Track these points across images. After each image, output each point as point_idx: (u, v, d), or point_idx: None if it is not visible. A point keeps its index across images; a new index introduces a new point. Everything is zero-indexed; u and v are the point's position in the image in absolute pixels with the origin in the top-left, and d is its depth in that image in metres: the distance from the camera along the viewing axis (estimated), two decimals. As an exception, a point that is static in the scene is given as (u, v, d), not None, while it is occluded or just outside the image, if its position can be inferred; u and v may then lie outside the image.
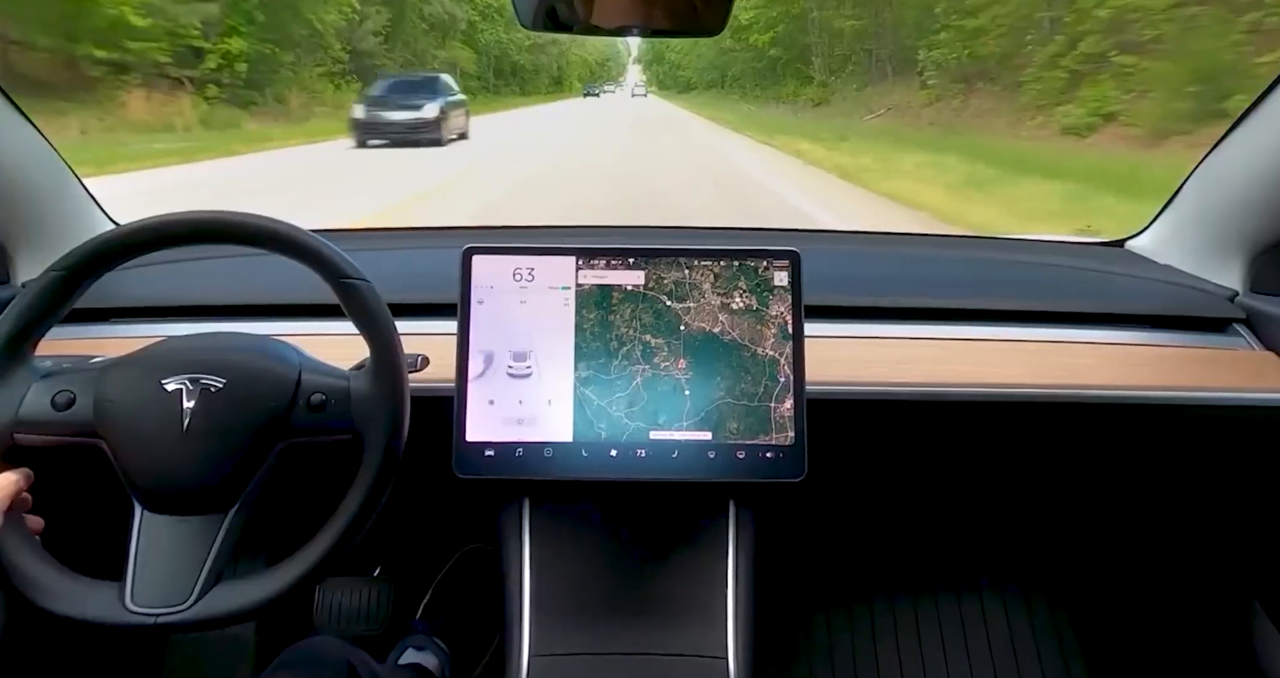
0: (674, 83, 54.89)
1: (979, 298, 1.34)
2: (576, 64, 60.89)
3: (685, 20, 1.00)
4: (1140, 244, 1.55)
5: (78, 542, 1.02)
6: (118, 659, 1.53)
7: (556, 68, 52.61)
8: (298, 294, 1.20)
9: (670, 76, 57.92)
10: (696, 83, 45.43)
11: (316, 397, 0.90)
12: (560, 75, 55.07)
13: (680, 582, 1.15)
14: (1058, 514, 1.76)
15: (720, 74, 39.32)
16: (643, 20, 0.99)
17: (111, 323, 1.25)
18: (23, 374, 0.89)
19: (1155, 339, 1.30)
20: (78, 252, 0.90)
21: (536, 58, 44.98)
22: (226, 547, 0.88)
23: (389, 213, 7.55)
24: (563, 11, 0.98)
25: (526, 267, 1.08)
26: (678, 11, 0.99)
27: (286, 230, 0.92)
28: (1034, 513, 1.78)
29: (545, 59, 47.38)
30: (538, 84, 46.66)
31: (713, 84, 41.44)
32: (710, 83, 42.08)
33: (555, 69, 52.53)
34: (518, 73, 43.32)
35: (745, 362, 1.07)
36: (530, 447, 1.05)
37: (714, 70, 40.34)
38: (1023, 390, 1.20)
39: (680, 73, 51.02)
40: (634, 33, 1.01)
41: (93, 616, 0.84)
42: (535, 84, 46.17)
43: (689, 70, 47.82)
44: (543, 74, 48.31)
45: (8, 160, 1.19)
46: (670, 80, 57.72)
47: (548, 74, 49.91)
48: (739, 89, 34.24)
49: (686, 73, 48.70)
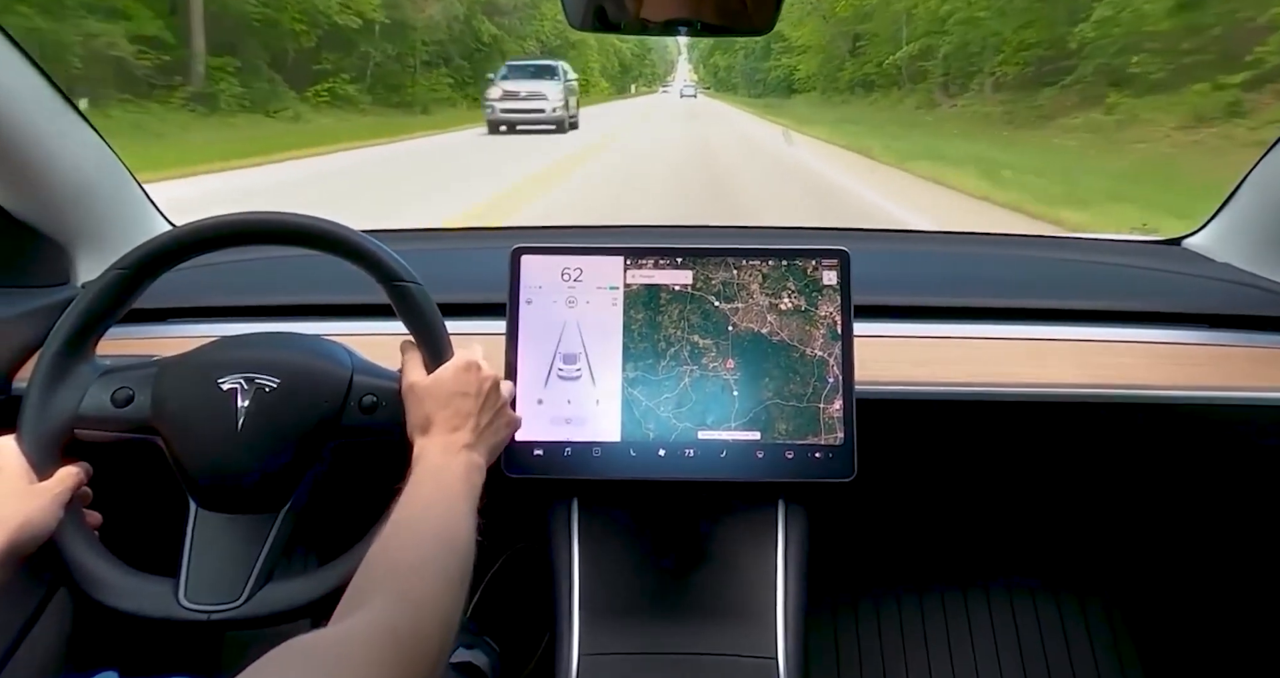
0: (747, 83, 45.51)
1: (1031, 297, 1.32)
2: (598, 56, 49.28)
3: (734, 18, 1.00)
4: (1197, 242, 1.51)
5: (134, 538, 1.04)
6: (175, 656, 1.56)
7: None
8: (349, 295, 1.21)
9: (733, 73, 50.27)
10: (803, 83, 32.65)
11: (368, 398, 0.92)
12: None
13: (729, 581, 1.15)
14: (1111, 515, 1.73)
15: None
16: (691, 17, 0.98)
17: (169, 323, 1.27)
18: (84, 371, 0.92)
19: (1213, 339, 1.27)
20: (138, 251, 0.92)
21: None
22: (278, 545, 0.89)
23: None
24: (611, 11, 0.98)
25: (575, 267, 1.09)
26: (726, 9, 0.99)
27: (340, 232, 0.93)
28: (1087, 514, 1.75)
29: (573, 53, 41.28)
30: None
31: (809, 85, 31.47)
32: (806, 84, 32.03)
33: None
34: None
35: (794, 362, 1.07)
36: (578, 447, 1.06)
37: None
38: (1076, 391, 1.18)
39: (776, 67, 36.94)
40: (682, 32, 1.01)
41: (147, 611, 0.86)
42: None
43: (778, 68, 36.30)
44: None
45: (68, 163, 1.21)
46: (737, 79, 49.85)
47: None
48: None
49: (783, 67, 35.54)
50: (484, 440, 0.89)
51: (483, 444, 0.89)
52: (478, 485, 0.86)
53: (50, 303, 1.22)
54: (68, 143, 1.21)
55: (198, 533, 0.89)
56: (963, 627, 1.72)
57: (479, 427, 0.89)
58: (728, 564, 1.16)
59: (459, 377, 0.90)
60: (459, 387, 0.89)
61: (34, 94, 1.15)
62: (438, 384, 0.89)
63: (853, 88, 26.72)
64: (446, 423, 0.87)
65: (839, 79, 28.20)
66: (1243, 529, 1.53)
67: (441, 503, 0.81)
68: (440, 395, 0.88)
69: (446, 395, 0.88)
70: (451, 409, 0.88)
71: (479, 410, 0.89)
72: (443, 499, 0.82)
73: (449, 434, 0.87)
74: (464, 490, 0.84)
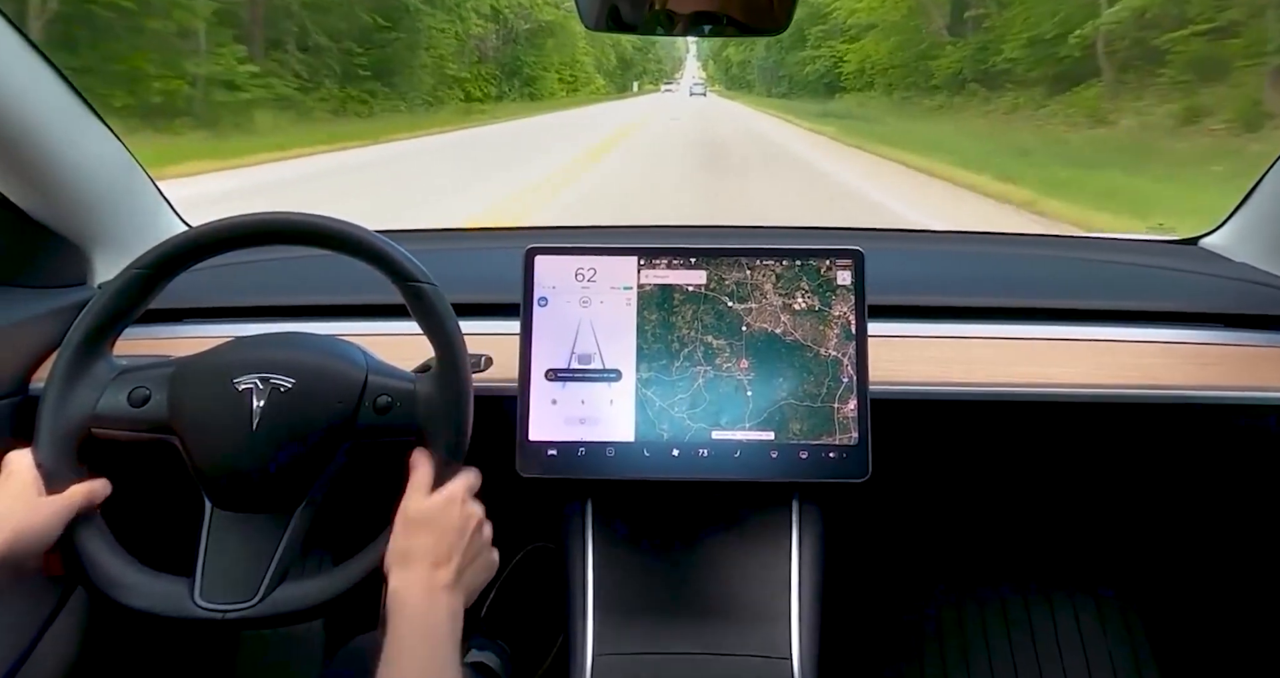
0: (766, 80, 40.15)
1: (1046, 297, 1.31)
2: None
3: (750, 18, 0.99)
4: (1214, 242, 1.50)
5: (149, 537, 1.05)
6: (191, 656, 1.57)
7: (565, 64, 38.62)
8: (364, 295, 1.22)
9: (748, 69, 45.09)
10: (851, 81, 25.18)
11: (383, 399, 0.92)
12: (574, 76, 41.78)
13: (744, 581, 1.14)
14: (1128, 516, 1.72)
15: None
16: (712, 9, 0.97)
17: (184, 323, 1.28)
18: (101, 371, 0.92)
19: (1230, 338, 1.26)
20: (155, 252, 0.92)
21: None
22: (293, 544, 0.89)
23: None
24: (625, 11, 0.98)
25: (588, 267, 1.09)
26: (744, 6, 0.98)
27: (355, 232, 0.93)
28: (1103, 514, 1.74)
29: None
30: (546, 83, 35.22)
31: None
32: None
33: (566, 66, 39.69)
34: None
35: (808, 362, 1.06)
36: (592, 446, 1.06)
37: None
38: (1092, 391, 1.17)
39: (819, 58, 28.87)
40: (700, 33, 1.00)
41: (163, 610, 0.86)
42: (544, 84, 34.89)
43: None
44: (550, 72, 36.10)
45: (85, 164, 1.22)
46: (753, 76, 44.42)
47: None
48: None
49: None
50: (464, 583, 0.87)
51: (462, 588, 0.86)
52: (459, 633, 0.84)
53: (67, 303, 1.23)
54: (85, 145, 1.22)
55: (213, 533, 0.89)
56: (978, 628, 1.72)
57: (461, 567, 0.86)
58: (742, 564, 1.15)
59: (450, 509, 0.88)
60: (449, 521, 0.87)
61: (52, 96, 1.15)
62: (429, 514, 0.87)
63: (954, 84, 18.49)
64: (428, 555, 0.84)
65: (929, 71, 19.56)
66: (1263, 531, 1.52)
67: (431, 661, 0.79)
68: (430, 526, 0.86)
69: (436, 527, 0.86)
70: (436, 541, 0.85)
71: (464, 549, 0.87)
72: (430, 655, 0.79)
73: (431, 571, 0.84)
74: (450, 641, 0.81)
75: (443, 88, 25.00)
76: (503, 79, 30.77)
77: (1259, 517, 1.52)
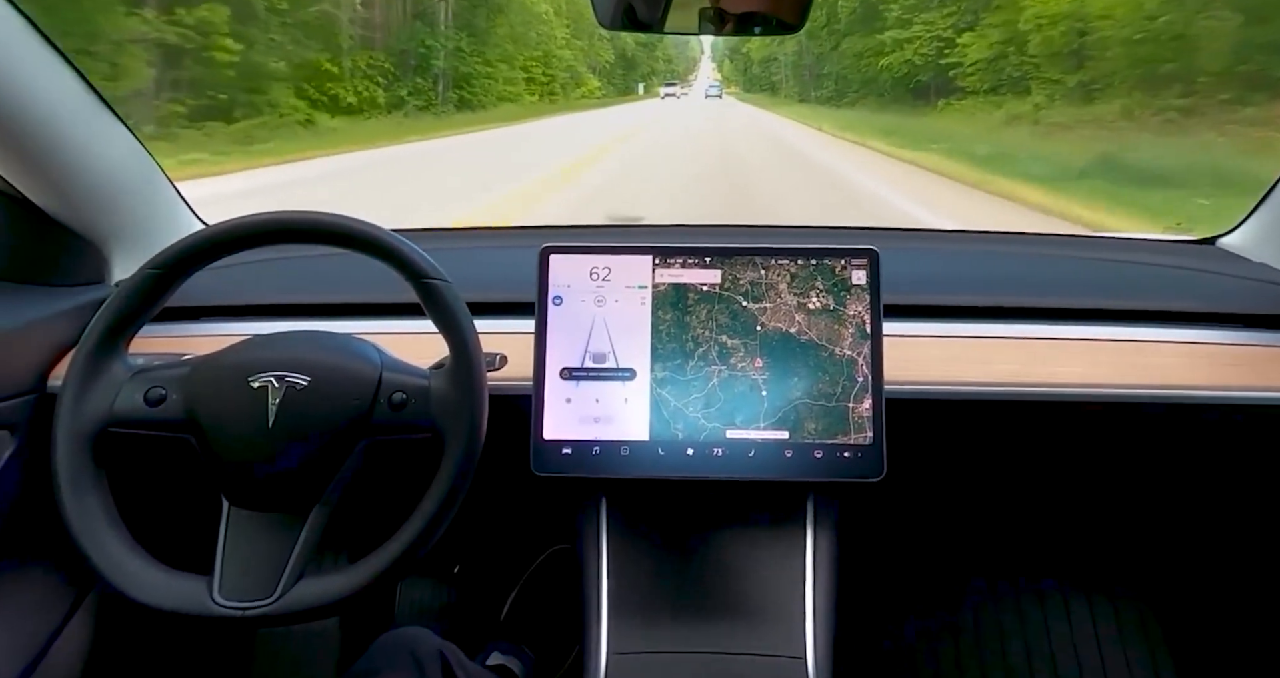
0: (802, 81, 34.99)
1: (1062, 296, 1.30)
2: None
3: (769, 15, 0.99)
4: (1232, 241, 1.49)
5: (167, 535, 1.05)
6: (209, 655, 1.57)
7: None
8: (378, 294, 1.22)
9: (773, 67, 39.80)
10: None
11: (398, 396, 0.92)
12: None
13: (758, 580, 1.14)
14: (1144, 515, 1.71)
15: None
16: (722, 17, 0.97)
17: (200, 322, 1.28)
18: (117, 370, 0.93)
19: (1248, 339, 1.25)
20: (170, 250, 0.93)
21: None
22: (310, 542, 0.90)
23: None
24: (641, 10, 0.98)
25: (603, 266, 1.09)
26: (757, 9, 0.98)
27: (369, 230, 0.93)
28: (1119, 513, 1.73)
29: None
30: (492, 86, 28.88)
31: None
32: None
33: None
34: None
35: (823, 362, 1.06)
36: (607, 445, 1.06)
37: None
38: (1109, 391, 1.17)
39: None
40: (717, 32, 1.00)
41: (181, 608, 0.86)
42: (488, 87, 28.67)
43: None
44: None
45: (103, 163, 1.22)
46: (779, 76, 39.31)
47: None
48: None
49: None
50: None
51: None
52: None
53: (84, 302, 1.24)
54: (102, 143, 1.23)
55: (231, 531, 0.89)
56: (993, 627, 1.71)
57: None
58: (756, 563, 1.15)
59: None
60: None
61: (70, 95, 1.16)
62: None
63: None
64: None
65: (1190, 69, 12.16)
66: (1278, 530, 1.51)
67: None
68: None
69: None
70: None
71: None
72: None
73: None
74: None
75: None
76: (407, 77, 23.59)
77: (1276, 517, 1.50)
